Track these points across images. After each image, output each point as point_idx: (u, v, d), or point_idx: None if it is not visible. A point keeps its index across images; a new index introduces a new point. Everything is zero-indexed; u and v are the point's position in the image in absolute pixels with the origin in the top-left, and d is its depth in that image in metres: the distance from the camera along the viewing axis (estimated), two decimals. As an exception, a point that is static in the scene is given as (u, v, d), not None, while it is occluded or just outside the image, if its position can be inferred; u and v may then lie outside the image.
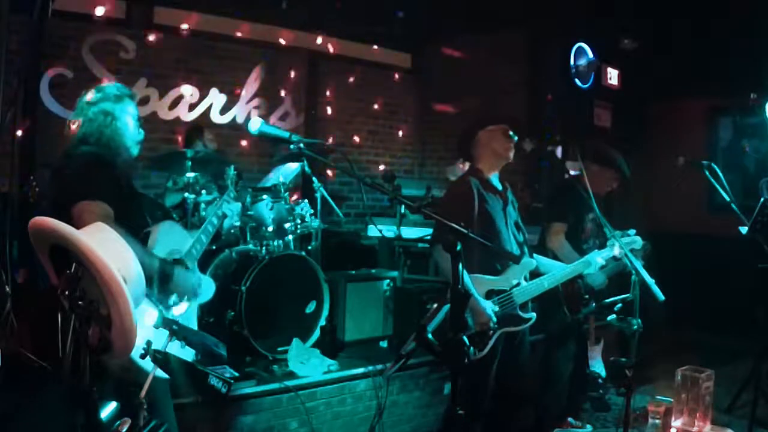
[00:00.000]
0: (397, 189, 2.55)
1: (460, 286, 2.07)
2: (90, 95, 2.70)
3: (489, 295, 3.27)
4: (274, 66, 6.76)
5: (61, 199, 2.48)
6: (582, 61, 6.80)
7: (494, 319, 3.17)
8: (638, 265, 3.15)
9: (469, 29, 6.81)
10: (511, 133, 3.42)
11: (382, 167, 7.52)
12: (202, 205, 4.45)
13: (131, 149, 2.72)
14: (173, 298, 2.60)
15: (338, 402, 3.93)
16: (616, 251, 3.49)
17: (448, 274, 3.31)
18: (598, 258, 3.49)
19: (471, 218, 3.25)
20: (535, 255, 3.62)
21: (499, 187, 3.51)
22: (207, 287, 2.79)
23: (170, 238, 2.69)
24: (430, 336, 2.09)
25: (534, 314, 3.39)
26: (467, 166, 3.64)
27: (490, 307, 3.21)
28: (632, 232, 3.57)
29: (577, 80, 6.78)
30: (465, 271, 3.19)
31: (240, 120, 6.48)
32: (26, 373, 3.53)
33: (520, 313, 3.34)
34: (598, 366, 4.69)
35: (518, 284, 3.33)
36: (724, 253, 5.54)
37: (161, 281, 2.48)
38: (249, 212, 4.32)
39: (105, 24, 5.71)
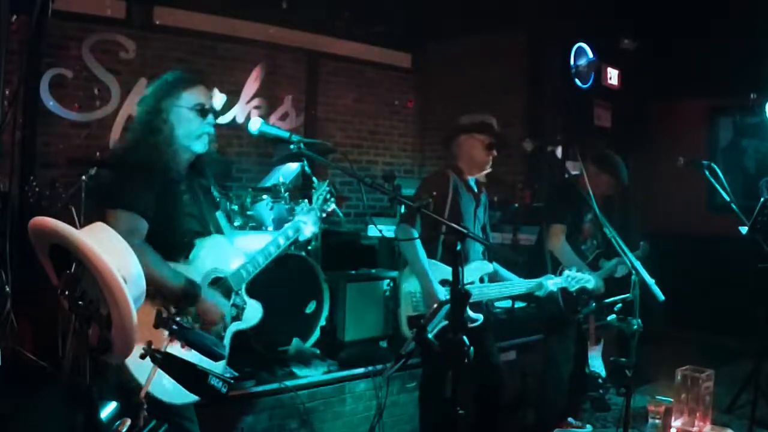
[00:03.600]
0: (397, 189, 2.55)
1: (459, 286, 2.08)
2: (145, 89, 2.48)
3: (443, 284, 3.29)
4: (274, 66, 6.76)
5: (99, 203, 2.39)
6: (582, 61, 6.80)
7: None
8: (638, 265, 3.15)
9: (469, 29, 6.81)
10: (491, 146, 3.46)
11: (381, 167, 7.53)
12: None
13: (191, 147, 2.45)
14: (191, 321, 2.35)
15: (338, 402, 3.93)
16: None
17: (407, 253, 3.34)
18: (550, 282, 3.49)
19: (443, 211, 3.31)
20: (496, 265, 3.61)
21: (475, 188, 3.56)
22: (253, 312, 2.59)
23: (215, 255, 2.47)
24: (430, 336, 2.09)
25: (481, 316, 3.41)
26: None
27: (443, 294, 3.22)
28: (587, 271, 3.59)
29: (577, 80, 6.78)
30: (423, 251, 3.24)
31: (240, 120, 6.48)
32: (26, 373, 3.53)
33: (468, 311, 3.31)
34: (598, 366, 4.69)
35: (471, 283, 3.34)
36: (724, 253, 5.54)
37: (186, 303, 2.30)
38: (249, 212, 4.32)
39: (105, 24, 5.71)
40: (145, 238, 2.29)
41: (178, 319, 2.25)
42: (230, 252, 2.56)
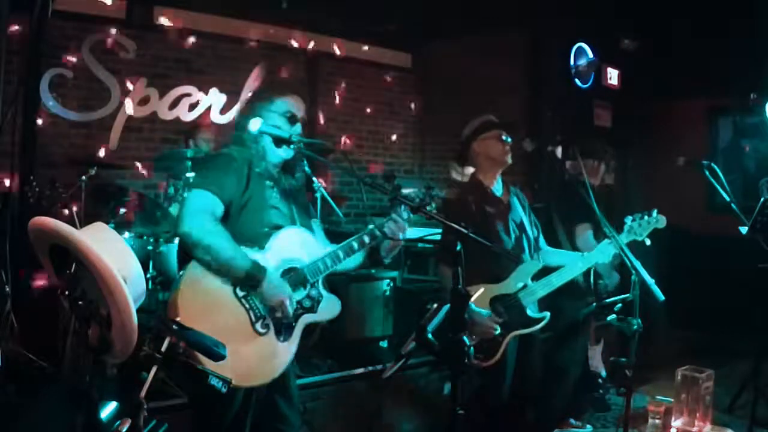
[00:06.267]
0: (397, 189, 2.55)
1: (459, 286, 2.07)
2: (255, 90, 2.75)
3: (493, 302, 3.23)
4: (274, 66, 6.75)
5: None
6: (582, 61, 6.80)
7: (495, 326, 3.14)
8: (638, 264, 3.14)
9: (469, 29, 6.81)
10: (504, 137, 3.41)
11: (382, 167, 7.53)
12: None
13: (274, 150, 2.60)
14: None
15: (338, 402, 3.93)
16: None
17: (443, 284, 3.26)
18: (611, 247, 3.32)
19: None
20: (548, 249, 3.58)
21: (500, 193, 3.48)
22: (329, 306, 2.62)
23: (292, 246, 2.55)
24: (430, 336, 2.09)
25: (548, 313, 3.33)
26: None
27: (486, 314, 3.16)
28: (654, 212, 3.40)
29: (577, 80, 6.78)
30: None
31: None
32: (26, 373, 3.53)
33: (531, 314, 3.29)
34: (598, 366, 4.69)
35: (524, 286, 3.29)
36: (724, 253, 5.54)
37: (249, 286, 2.42)
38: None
39: (105, 24, 5.71)
40: (224, 224, 2.44)
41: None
42: (310, 244, 2.60)
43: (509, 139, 3.41)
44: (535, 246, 3.53)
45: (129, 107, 5.79)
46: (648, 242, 3.54)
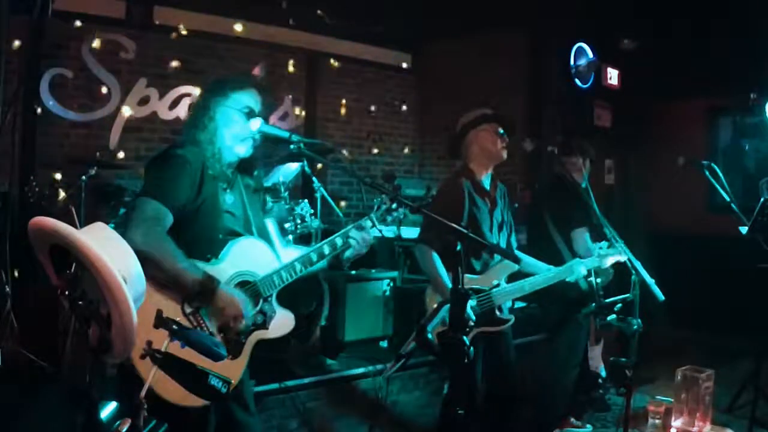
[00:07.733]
0: (397, 189, 2.53)
1: (459, 286, 2.07)
2: (207, 84, 2.54)
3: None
4: (273, 66, 6.75)
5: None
6: (582, 61, 6.80)
7: (473, 317, 3.14)
8: (638, 265, 3.14)
9: (469, 29, 6.81)
10: (502, 131, 3.39)
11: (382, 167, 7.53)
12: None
13: (234, 149, 2.44)
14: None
15: (338, 402, 3.93)
16: (609, 260, 3.41)
17: (427, 273, 3.29)
18: (581, 267, 3.38)
19: (460, 220, 3.22)
20: (522, 255, 3.59)
21: (488, 188, 3.47)
22: (282, 322, 2.47)
23: (247, 258, 2.39)
24: (430, 336, 2.09)
25: (512, 316, 3.37)
26: None
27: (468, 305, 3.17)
28: (621, 242, 3.44)
29: (577, 80, 6.78)
30: (443, 269, 3.21)
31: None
32: (26, 373, 3.54)
33: (498, 314, 3.31)
34: (598, 366, 4.69)
35: (498, 285, 3.30)
36: (724, 253, 5.54)
37: (200, 299, 2.25)
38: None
39: (105, 24, 5.71)
40: (176, 231, 2.28)
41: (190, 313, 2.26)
42: (266, 256, 2.45)
43: (505, 135, 3.41)
44: (507, 246, 3.54)
45: (129, 107, 5.80)
46: (611, 272, 3.58)
